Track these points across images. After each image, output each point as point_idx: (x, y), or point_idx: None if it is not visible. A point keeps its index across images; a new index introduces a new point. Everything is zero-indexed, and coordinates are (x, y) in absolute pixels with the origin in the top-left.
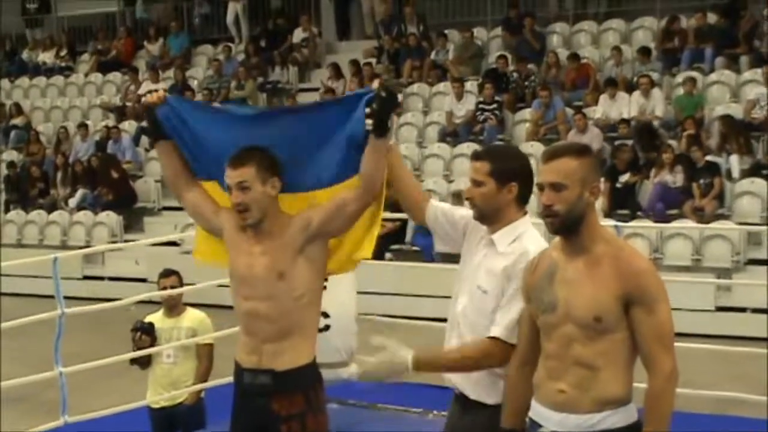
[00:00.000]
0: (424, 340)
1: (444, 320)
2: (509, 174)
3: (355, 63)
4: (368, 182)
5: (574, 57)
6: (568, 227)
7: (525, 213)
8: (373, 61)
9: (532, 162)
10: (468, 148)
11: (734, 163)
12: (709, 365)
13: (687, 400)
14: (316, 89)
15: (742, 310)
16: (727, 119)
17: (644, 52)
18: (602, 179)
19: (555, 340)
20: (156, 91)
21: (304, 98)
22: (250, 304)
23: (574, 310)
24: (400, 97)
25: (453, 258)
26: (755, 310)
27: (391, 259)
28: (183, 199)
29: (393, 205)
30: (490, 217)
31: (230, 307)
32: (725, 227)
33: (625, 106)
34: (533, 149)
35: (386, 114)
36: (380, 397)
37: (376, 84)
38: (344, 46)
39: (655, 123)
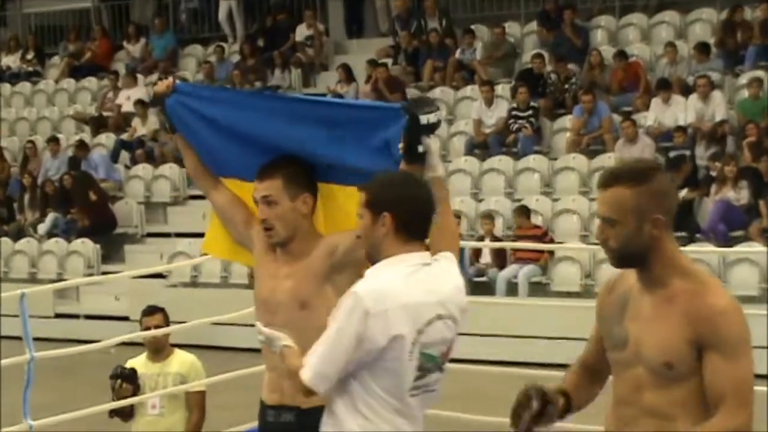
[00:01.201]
0: (455, 388)
1: (480, 362)
2: (382, 204)
3: (371, 64)
4: None
5: (622, 55)
6: (627, 262)
7: (418, 248)
8: (389, 61)
9: (572, 177)
10: (500, 161)
11: None
12: None
13: None
14: (323, 95)
15: None
16: None
17: (702, 48)
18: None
19: (625, 383)
20: (164, 78)
21: None
22: None
23: (644, 352)
24: (435, 116)
25: (484, 290)
26: None
27: None
28: (210, 199)
29: None
30: (372, 254)
31: (224, 349)
32: None
33: (680, 112)
34: (575, 162)
35: (413, 139)
36: None
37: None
38: (355, 45)
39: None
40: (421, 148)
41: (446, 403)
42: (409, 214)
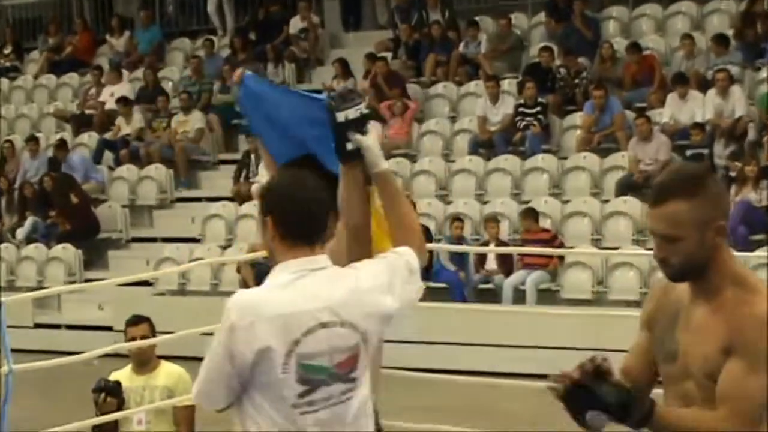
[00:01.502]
0: (458, 401)
1: (485, 374)
2: (265, 207)
3: (370, 58)
4: (344, 215)
5: (635, 48)
6: (688, 277)
7: (307, 253)
8: (388, 56)
9: (583, 177)
10: (506, 161)
11: None
12: None
13: None
14: (318, 91)
15: None
16: None
17: (720, 41)
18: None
19: (675, 398)
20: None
21: None
22: None
23: (691, 366)
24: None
25: (489, 297)
26: None
27: None
28: None
29: None
30: (270, 259)
31: None
32: None
33: (698, 108)
34: (585, 161)
35: (339, 138)
36: None
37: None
38: (352, 39)
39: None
40: (350, 146)
41: (449, 416)
42: (289, 217)
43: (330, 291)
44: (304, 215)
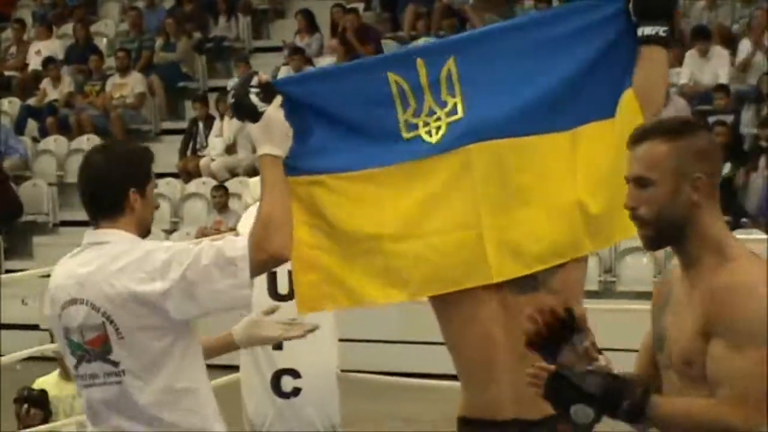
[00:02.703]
0: (438, 406)
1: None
2: None
3: (338, 10)
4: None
5: None
6: (662, 237)
7: (96, 227)
8: (360, 6)
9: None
10: None
11: None
12: None
13: None
14: (278, 48)
15: None
16: None
17: None
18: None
19: (666, 390)
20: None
21: (262, 60)
22: None
23: (672, 351)
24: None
25: None
26: None
27: None
28: None
29: None
30: None
31: None
32: None
33: (721, 67)
34: None
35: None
36: None
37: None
38: None
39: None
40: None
41: (431, 428)
42: (78, 193)
43: (85, 267)
44: (83, 192)
